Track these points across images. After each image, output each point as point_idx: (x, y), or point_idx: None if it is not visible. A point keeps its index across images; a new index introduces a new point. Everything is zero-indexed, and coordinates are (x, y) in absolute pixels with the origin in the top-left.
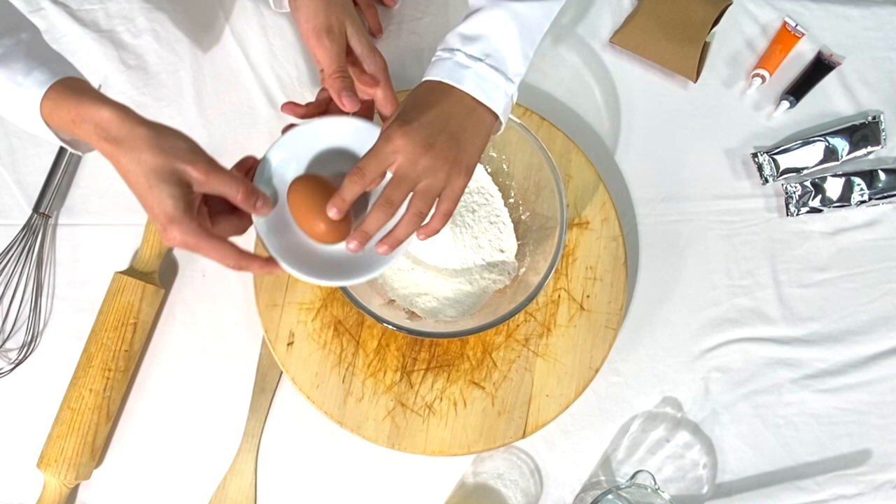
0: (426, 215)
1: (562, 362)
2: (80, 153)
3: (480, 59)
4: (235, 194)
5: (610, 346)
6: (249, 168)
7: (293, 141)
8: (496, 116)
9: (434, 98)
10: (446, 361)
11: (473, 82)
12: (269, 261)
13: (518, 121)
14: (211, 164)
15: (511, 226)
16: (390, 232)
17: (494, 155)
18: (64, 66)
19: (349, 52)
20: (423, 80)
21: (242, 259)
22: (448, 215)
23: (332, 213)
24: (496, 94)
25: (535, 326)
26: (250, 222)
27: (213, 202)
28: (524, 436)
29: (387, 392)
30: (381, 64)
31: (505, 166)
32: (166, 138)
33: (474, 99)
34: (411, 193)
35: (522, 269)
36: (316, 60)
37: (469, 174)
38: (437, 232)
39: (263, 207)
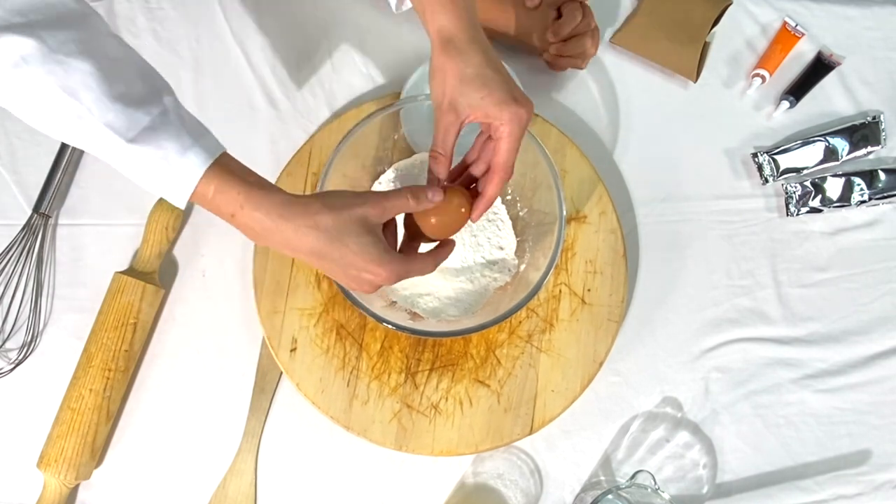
0: None
1: (566, 357)
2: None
3: None
4: (408, 203)
5: (613, 338)
6: None
7: None
8: None
9: None
10: (450, 361)
11: None
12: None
13: None
14: (379, 196)
15: (509, 223)
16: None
17: None
18: (208, 137)
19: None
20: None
21: (440, 257)
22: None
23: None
24: None
25: (538, 322)
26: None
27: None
28: (531, 432)
29: (392, 394)
30: (510, 116)
31: None
32: (332, 197)
33: None
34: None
35: (522, 266)
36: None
37: None
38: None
39: (436, 195)
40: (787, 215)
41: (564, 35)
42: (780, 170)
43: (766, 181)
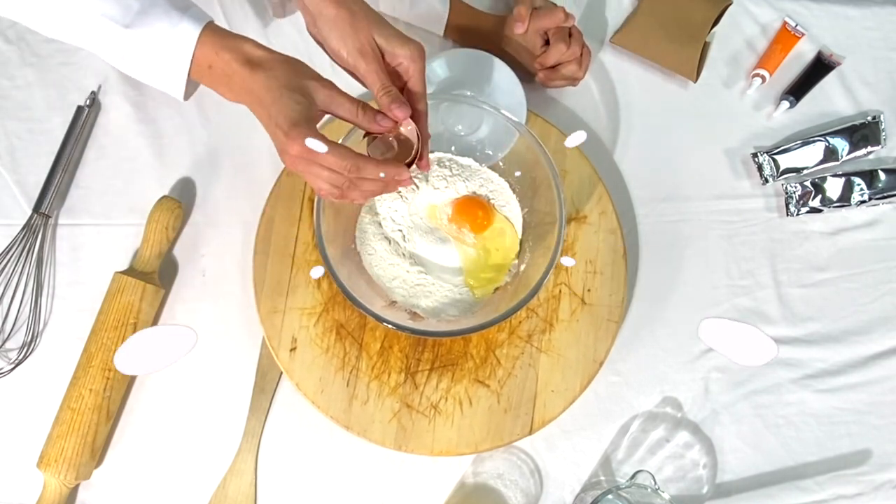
0: None
1: (565, 357)
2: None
3: None
4: (355, 112)
5: (613, 338)
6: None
7: None
8: None
9: None
10: (450, 361)
11: None
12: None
13: (514, 118)
14: (334, 86)
15: None
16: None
17: (490, 153)
18: (193, 8)
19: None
20: None
21: (360, 159)
22: None
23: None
24: None
25: (538, 322)
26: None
27: None
28: (531, 432)
29: (392, 394)
30: (417, 51)
31: (501, 164)
32: (298, 62)
33: None
34: None
35: (522, 266)
36: (361, 83)
37: None
38: None
39: (384, 121)
40: (787, 215)
41: (550, 65)
42: (780, 170)
43: (766, 181)
